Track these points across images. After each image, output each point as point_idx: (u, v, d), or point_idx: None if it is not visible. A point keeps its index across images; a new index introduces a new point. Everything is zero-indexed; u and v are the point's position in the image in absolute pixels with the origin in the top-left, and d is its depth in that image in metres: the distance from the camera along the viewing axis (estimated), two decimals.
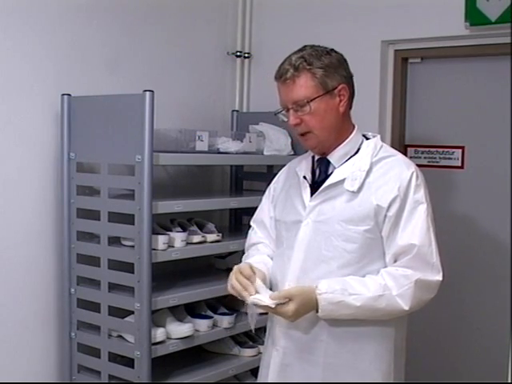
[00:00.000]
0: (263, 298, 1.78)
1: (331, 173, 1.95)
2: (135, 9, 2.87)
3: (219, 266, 3.02)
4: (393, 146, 3.01)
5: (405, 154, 3.10)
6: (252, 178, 3.31)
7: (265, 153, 2.90)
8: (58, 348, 2.68)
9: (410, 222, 1.86)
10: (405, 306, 1.85)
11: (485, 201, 2.92)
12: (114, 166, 2.50)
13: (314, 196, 1.95)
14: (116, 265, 2.47)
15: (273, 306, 1.78)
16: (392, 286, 1.84)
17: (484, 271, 2.94)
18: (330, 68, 1.89)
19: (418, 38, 2.90)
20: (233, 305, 2.82)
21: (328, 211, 1.91)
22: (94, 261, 2.52)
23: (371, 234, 1.88)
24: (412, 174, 1.89)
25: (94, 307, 2.53)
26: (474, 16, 2.69)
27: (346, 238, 1.89)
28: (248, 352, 2.81)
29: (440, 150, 3.03)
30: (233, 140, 2.78)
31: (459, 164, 2.98)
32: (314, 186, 1.97)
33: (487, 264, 2.93)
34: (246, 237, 2.90)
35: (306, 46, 1.95)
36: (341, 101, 1.92)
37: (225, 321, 2.68)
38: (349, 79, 1.95)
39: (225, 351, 2.84)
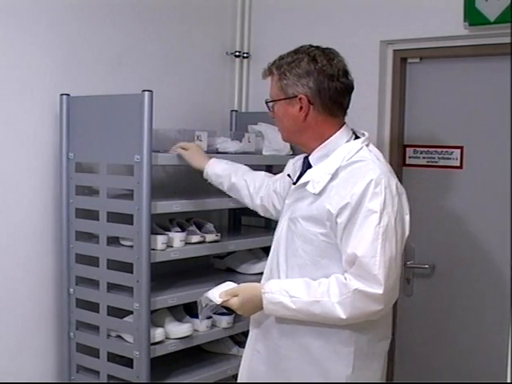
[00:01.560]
0: (215, 294, 2.01)
1: None
2: (134, 9, 2.87)
3: (218, 265, 3.02)
4: (391, 146, 3.06)
5: (403, 154, 3.10)
6: None
7: (264, 153, 2.90)
8: (57, 348, 2.68)
9: (360, 231, 1.83)
10: (342, 314, 1.83)
11: (484, 201, 2.92)
12: (113, 166, 2.50)
13: (288, 195, 2.05)
14: (115, 265, 2.47)
15: (218, 303, 1.98)
16: (335, 292, 1.84)
17: (483, 271, 2.93)
18: (295, 77, 1.95)
19: (416, 38, 2.90)
20: None
21: (297, 211, 1.98)
22: (92, 261, 2.52)
23: (326, 237, 1.90)
24: (370, 181, 1.83)
25: (93, 307, 2.53)
26: (473, 16, 2.68)
27: (304, 238, 1.94)
28: None
29: (439, 149, 3.03)
30: (231, 140, 2.78)
31: (458, 164, 2.98)
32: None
33: (486, 264, 2.93)
34: (244, 237, 2.89)
35: (302, 47, 2.00)
36: (301, 109, 1.95)
37: (224, 321, 2.68)
38: (319, 91, 1.94)
39: (224, 351, 2.84)
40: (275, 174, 3.11)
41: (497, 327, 2.87)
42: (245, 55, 3.36)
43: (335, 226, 1.87)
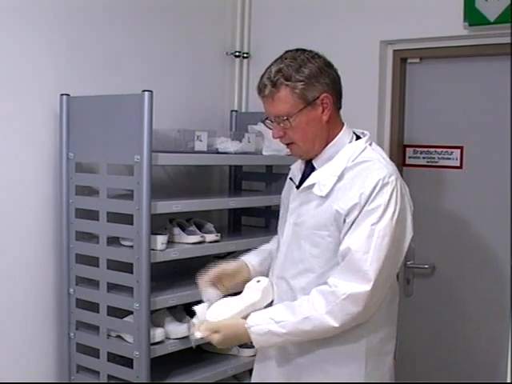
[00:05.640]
0: (197, 326, 1.94)
1: None
2: (134, 9, 2.88)
3: None
4: (391, 146, 3.06)
5: (403, 154, 3.10)
6: (251, 178, 3.31)
7: (263, 153, 2.90)
8: (57, 348, 2.68)
9: (358, 228, 1.80)
10: (334, 322, 1.80)
11: (484, 201, 2.92)
12: (113, 166, 2.50)
13: (293, 198, 1.99)
14: (115, 265, 2.47)
15: (198, 337, 1.92)
16: (321, 304, 1.81)
17: (483, 271, 2.93)
18: (311, 79, 1.84)
19: (416, 38, 2.90)
20: None
21: (303, 214, 1.93)
22: (92, 261, 2.52)
23: (332, 238, 1.86)
24: (378, 181, 1.80)
25: (93, 307, 2.53)
26: (473, 16, 2.68)
27: (311, 242, 1.90)
28: (247, 352, 2.80)
29: (439, 150, 3.03)
30: (232, 140, 2.78)
31: (458, 164, 2.98)
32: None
33: (486, 264, 2.93)
34: (244, 237, 2.88)
35: (287, 53, 1.90)
36: (324, 109, 1.87)
37: None
38: (333, 85, 1.88)
39: (224, 351, 2.84)
40: (274, 173, 3.13)
41: (497, 327, 2.87)
42: (245, 55, 3.36)
43: (342, 225, 1.83)
